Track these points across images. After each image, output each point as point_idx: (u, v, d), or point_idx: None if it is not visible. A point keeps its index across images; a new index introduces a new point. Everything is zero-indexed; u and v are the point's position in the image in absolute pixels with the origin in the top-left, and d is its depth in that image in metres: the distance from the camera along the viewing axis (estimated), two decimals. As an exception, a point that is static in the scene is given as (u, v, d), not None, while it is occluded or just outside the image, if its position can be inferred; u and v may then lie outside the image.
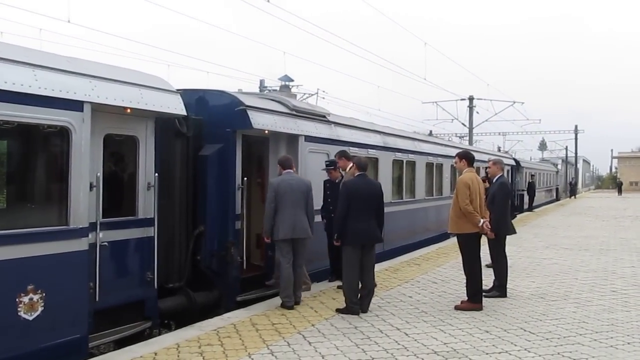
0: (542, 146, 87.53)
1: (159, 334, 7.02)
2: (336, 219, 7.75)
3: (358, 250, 7.53)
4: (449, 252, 13.11)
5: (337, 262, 9.27)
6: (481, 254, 8.04)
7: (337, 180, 9.06)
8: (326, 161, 9.50)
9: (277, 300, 8.02)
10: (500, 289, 8.60)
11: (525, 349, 5.98)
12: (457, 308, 7.73)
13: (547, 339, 6.33)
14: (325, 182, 9.43)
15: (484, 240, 8.29)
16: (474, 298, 7.79)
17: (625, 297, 8.54)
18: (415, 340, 6.30)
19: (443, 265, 11.57)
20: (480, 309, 7.66)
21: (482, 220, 7.72)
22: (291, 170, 8.13)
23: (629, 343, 6.20)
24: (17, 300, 5.24)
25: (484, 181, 9.15)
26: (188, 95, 8.02)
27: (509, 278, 8.82)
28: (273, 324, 6.93)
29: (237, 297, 8.52)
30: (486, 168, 10.36)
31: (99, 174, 6.21)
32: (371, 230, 7.57)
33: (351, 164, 8.60)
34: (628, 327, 6.84)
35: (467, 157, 8.12)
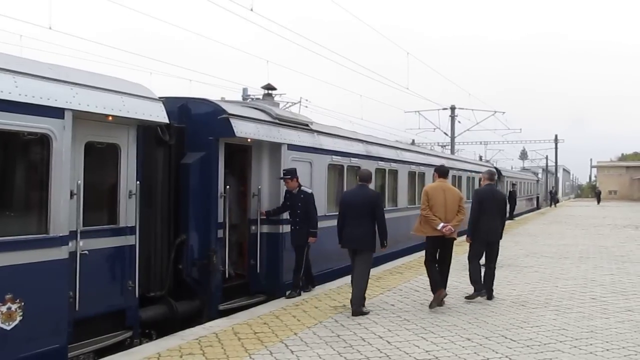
0: (523, 155, 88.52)
1: (140, 344, 6.95)
2: (338, 226, 8.31)
3: (351, 255, 8.15)
4: (431, 260, 13.12)
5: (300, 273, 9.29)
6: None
7: (294, 191, 9.19)
8: (283, 170, 9.39)
9: (260, 309, 8.02)
10: (478, 287, 8.87)
11: (507, 356, 6.02)
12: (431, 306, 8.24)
13: (527, 346, 6.39)
14: (285, 192, 9.39)
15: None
16: (432, 289, 8.46)
17: (605, 305, 8.64)
18: (398, 348, 6.32)
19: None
20: (441, 295, 8.28)
21: (441, 224, 8.23)
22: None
23: (607, 350, 6.28)
24: (-6, 309, 5.17)
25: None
26: (171, 103, 8.00)
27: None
28: (255, 332, 6.90)
29: (219, 306, 8.49)
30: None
31: (79, 182, 6.16)
32: (359, 236, 7.96)
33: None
34: (607, 334, 6.92)
35: (438, 170, 9.01)
